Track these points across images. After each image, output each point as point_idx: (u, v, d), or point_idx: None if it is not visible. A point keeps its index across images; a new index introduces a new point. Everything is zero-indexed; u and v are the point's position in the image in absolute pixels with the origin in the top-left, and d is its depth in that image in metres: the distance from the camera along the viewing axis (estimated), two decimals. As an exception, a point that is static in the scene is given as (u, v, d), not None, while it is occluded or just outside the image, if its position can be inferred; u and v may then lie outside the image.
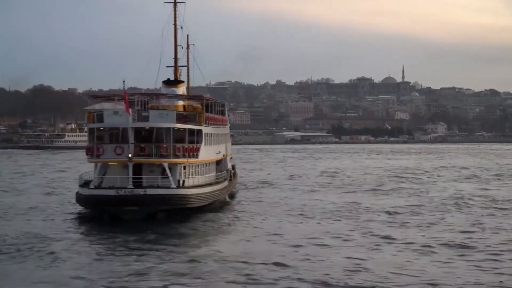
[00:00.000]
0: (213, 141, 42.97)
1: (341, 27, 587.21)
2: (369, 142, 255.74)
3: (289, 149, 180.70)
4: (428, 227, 32.90)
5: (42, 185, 57.64)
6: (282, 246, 27.83)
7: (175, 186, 35.83)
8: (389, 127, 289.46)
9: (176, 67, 50.80)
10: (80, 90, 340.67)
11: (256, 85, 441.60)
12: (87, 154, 38.29)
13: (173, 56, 50.59)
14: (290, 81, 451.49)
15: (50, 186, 56.10)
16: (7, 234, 30.46)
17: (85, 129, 42.76)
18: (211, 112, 44.12)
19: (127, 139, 36.70)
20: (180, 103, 43.80)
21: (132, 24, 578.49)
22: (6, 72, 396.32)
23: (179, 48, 50.38)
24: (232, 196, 46.12)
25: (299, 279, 21.81)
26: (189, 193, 36.33)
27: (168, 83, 47.23)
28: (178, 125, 37.46)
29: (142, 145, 36.08)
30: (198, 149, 38.34)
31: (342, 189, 53.83)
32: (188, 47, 56.51)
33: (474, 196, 46.47)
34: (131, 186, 34.91)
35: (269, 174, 72.39)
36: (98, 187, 35.86)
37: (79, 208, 38.41)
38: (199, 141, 38.79)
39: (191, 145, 37.65)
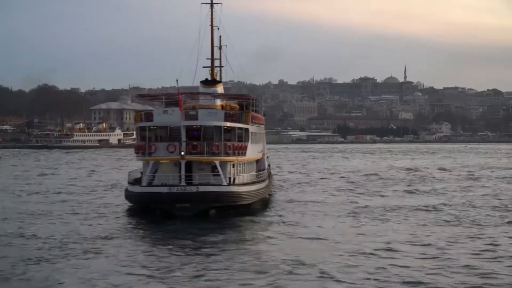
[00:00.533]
0: (256, 140, 43.45)
1: (341, 27, 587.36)
2: (374, 142, 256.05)
3: (298, 149, 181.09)
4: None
5: (86, 185, 57.77)
6: (344, 244, 27.76)
7: (226, 184, 36.26)
8: (394, 127, 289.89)
9: (212, 67, 51.21)
10: (82, 90, 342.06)
11: (258, 84, 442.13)
12: (136, 153, 38.72)
13: (208, 57, 51.03)
14: (292, 81, 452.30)
15: (90, 186, 56.52)
16: (59, 232, 30.79)
17: (133, 128, 43.18)
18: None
19: (178, 137, 37.27)
20: (218, 102, 44.30)
21: (130, 24, 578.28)
22: (20, 71, 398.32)
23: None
24: (270, 194, 46.43)
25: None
26: (239, 190, 36.79)
27: (206, 83, 47.79)
28: (228, 124, 37.90)
29: (195, 143, 36.44)
30: (246, 148, 38.83)
31: (397, 189, 52.83)
32: (220, 48, 56.92)
33: None
34: (184, 184, 35.33)
35: (292, 172, 72.76)
36: (150, 184, 36.27)
37: (128, 205, 38.97)
38: (246, 140, 39.22)
39: (240, 144, 38.14)
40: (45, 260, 24.83)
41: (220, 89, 47.66)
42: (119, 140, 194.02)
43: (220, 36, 56.14)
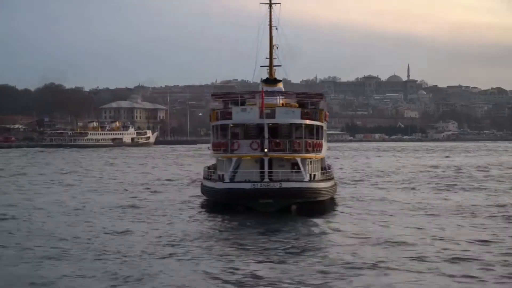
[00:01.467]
0: (326, 137, 44.27)
1: (341, 26, 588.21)
2: (384, 140, 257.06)
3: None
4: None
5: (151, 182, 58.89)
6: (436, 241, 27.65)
7: (307, 180, 37.10)
8: (402, 125, 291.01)
9: (271, 66, 52.01)
10: (86, 89, 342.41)
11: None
12: (215, 150, 39.41)
13: (267, 56, 51.76)
14: (294, 80, 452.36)
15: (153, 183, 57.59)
16: (142, 230, 31.27)
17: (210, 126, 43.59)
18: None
19: (254, 135, 38.15)
20: (280, 100, 45.11)
21: (130, 23, 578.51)
22: (21, 71, 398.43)
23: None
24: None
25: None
26: (319, 186, 37.61)
27: (268, 81, 48.63)
28: (308, 122, 38.67)
29: (277, 141, 37.23)
30: (322, 145, 39.66)
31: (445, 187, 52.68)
32: (271, 47, 57.55)
33: None
34: (267, 180, 36.12)
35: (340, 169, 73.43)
36: (233, 180, 37.02)
37: (204, 200, 40.07)
38: (321, 137, 40.06)
39: (317, 141, 38.98)
40: (135, 256, 25.00)
41: (281, 87, 48.53)
42: (132, 139, 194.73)
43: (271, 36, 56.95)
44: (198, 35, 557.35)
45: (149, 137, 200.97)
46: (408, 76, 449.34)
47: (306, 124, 38.78)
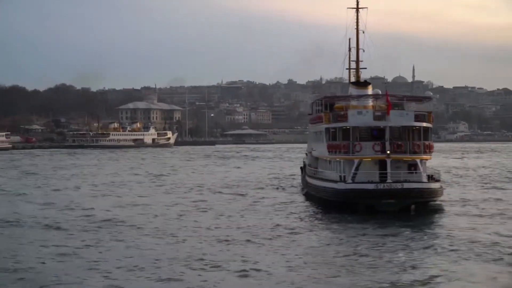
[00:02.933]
0: None
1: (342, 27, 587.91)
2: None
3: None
4: None
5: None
6: None
7: (426, 181, 38.59)
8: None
9: (357, 69, 53.51)
10: (93, 90, 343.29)
11: (268, 84, 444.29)
12: (332, 152, 40.69)
13: (354, 59, 53.34)
14: (300, 80, 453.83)
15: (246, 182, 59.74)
16: (256, 225, 33.17)
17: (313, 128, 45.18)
18: None
19: (367, 137, 39.69)
20: (370, 103, 46.60)
21: (132, 24, 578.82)
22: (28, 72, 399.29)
23: (360, 51, 52.96)
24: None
25: None
26: (437, 187, 39.06)
27: (358, 84, 50.20)
28: (425, 124, 40.15)
29: (399, 143, 38.72)
30: (433, 147, 41.13)
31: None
32: (350, 50, 59.02)
33: None
34: (390, 181, 37.56)
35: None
36: (354, 181, 38.36)
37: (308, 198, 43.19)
38: (430, 139, 41.50)
39: (430, 143, 40.50)
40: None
41: (369, 90, 49.91)
42: (153, 139, 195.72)
43: (349, 39, 58.40)
44: (200, 37, 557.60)
45: (169, 138, 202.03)
46: (413, 76, 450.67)
47: (419, 127, 40.25)
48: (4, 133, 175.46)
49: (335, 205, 38.94)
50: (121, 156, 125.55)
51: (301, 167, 56.85)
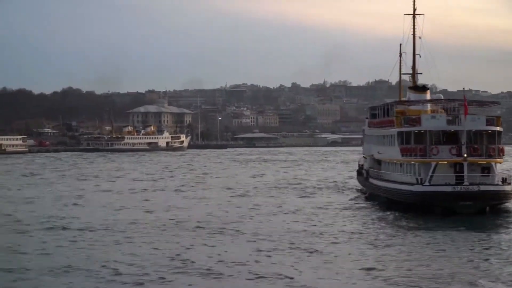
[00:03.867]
0: None
1: (345, 30, 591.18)
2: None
3: (353, 151, 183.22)
4: None
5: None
6: None
7: (501, 184, 39.58)
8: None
9: (413, 74, 54.61)
10: (97, 93, 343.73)
11: (272, 87, 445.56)
12: (404, 154, 41.61)
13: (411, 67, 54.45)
14: (304, 84, 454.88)
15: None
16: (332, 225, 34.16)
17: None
18: None
19: (439, 141, 40.74)
20: (429, 108, 47.74)
21: (137, 30, 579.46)
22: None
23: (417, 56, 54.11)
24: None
25: None
26: (510, 189, 40.05)
27: (417, 89, 51.38)
28: (498, 128, 41.18)
29: (475, 146, 39.74)
30: (504, 150, 42.09)
31: None
32: (400, 55, 60.09)
33: None
34: (467, 183, 38.55)
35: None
36: (431, 184, 39.26)
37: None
38: (500, 143, 42.48)
39: (502, 146, 41.51)
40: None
41: (428, 95, 51.04)
42: (167, 143, 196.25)
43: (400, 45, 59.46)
44: (203, 40, 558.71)
45: (182, 141, 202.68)
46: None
47: (492, 131, 41.26)
48: (20, 137, 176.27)
49: (410, 207, 39.81)
50: (149, 159, 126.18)
51: (357, 170, 57.79)
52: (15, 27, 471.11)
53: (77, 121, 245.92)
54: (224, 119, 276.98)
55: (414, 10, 52.84)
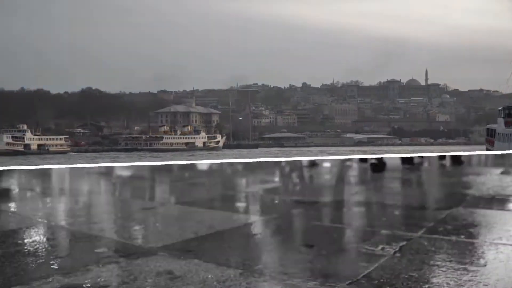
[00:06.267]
0: None
1: (342, 30, 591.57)
2: (431, 144, 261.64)
3: (381, 151, 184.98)
4: None
5: None
6: None
7: None
8: (446, 130, 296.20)
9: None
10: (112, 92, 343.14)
11: (283, 87, 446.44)
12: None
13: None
14: (314, 84, 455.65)
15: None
16: None
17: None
18: None
19: None
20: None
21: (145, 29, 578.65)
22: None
23: None
24: None
25: None
26: None
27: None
28: None
29: None
30: None
31: None
32: None
33: None
34: None
35: None
36: None
37: None
38: None
39: None
40: None
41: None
42: (203, 143, 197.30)
43: None
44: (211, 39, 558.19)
45: (218, 141, 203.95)
46: (426, 79, 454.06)
47: None
48: (63, 137, 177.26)
49: None
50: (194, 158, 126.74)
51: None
52: (12, 25, 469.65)
53: (105, 121, 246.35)
54: (244, 119, 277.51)
55: None
